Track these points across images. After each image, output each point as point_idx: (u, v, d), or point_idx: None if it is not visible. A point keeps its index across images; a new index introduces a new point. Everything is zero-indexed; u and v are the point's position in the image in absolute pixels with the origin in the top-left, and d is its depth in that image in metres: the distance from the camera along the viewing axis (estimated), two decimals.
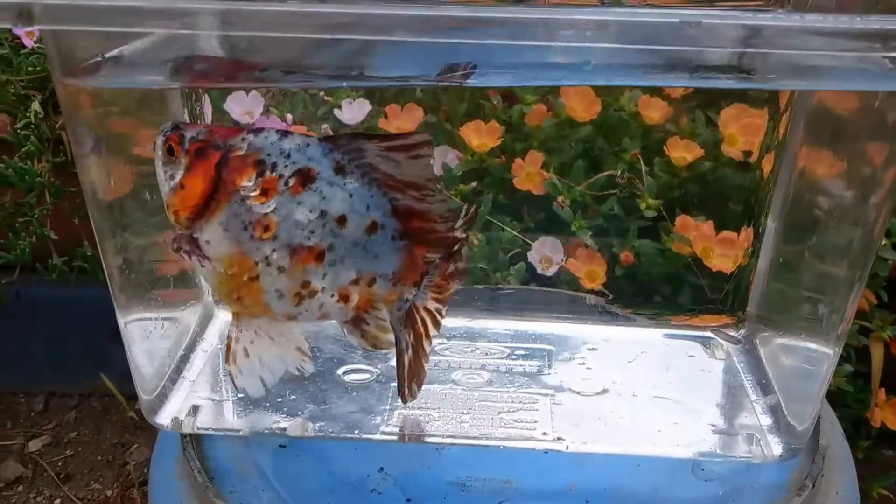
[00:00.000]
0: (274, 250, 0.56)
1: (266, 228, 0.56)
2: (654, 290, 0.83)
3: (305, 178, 0.55)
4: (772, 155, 0.75)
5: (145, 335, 0.70)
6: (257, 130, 0.56)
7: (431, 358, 0.75)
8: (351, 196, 0.56)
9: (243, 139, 0.56)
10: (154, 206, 0.71)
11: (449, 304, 0.64)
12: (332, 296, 0.58)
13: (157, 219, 0.72)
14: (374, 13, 0.50)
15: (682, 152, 0.80)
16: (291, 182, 0.55)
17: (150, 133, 0.71)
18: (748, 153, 0.77)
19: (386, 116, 0.83)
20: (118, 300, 0.66)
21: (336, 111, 0.83)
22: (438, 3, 0.53)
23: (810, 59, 0.52)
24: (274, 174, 0.55)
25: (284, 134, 0.56)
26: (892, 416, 1.31)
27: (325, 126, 0.84)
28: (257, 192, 0.55)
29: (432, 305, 0.63)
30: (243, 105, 0.81)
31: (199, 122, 0.77)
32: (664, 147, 0.80)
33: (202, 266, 0.58)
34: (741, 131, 0.78)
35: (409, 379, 0.64)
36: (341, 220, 0.56)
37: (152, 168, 0.69)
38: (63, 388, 1.42)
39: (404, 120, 0.83)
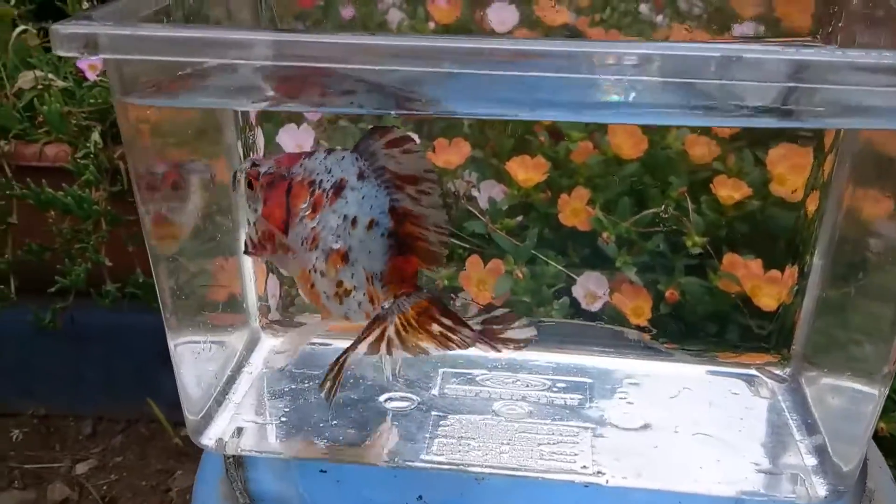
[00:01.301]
0: (317, 258, 0.60)
1: (313, 240, 0.60)
2: (700, 327, 0.82)
3: (339, 188, 0.59)
4: (817, 193, 0.75)
5: (194, 357, 0.72)
6: (308, 154, 0.61)
7: (472, 388, 0.77)
8: (363, 198, 0.59)
9: (301, 165, 0.61)
10: (206, 233, 0.73)
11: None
12: (364, 294, 0.60)
13: (208, 245, 0.74)
14: (426, 45, 0.52)
15: (730, 191, 0.80)
16: (330, 194, 0.59)
17: (207, 162, 0.74)
18: (794, 192, 0.77)
19: (434, 150, 0.84)
20: (169, 322, 0.68)
21: None
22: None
23: (854, 96, 0.52)
24: (320, 190, 0.60)
25: (329, 151, 0.61)
26: None
27: None
28: (310, 210, 0.60)
29: (391, 332, 0.58)
30: (295, 137, 0.83)
31: (251, 153, 0.79)
32: (711, 185, 0.80)
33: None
34: (790, 171, 0.77)
35: (335, 368, 0.61)
36: (353, 221, 0.59)
37: (207, 196, 0.72)
38: (111, 412, 1.44)
39: (452, 154, 0.84)
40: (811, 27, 0.76)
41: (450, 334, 0.56)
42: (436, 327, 0.57)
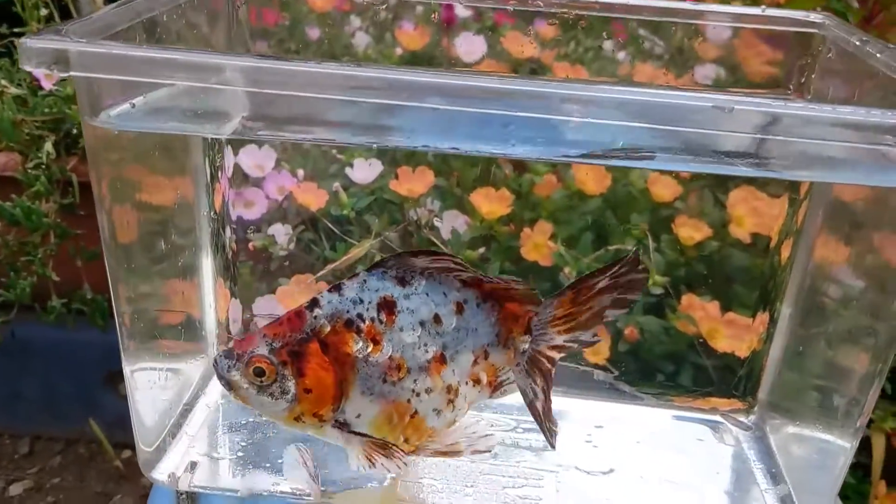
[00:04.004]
0: (415, 380, 0.59)
1: (398, 368, 0.58)
2: (659, 367, 0.82)
3: (388, 306, 0.58)
4: (789, 241, 0.75)
5: (149, 385, 0.69)
6: (311, 305, 0.58)
7: None
8: (427, 294, 0.59)
9: (315, 317, 0.57)
10: (168, 254, 0.71)
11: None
12: (467, 384, 0.61)
13: (170, 267, 0.71)
14: (400, 78, 0.50)
15: (690, 231, 0.80)
16: (383, 318, 0.58)
17: (172, 181, 0.71)
18: (756, 235, 0.77)
19: (397, 178, 0.83)
20: (126, 347, 0.65)
21: (348, 169, 0.83)
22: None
23: (826, 150, 0.52)
24: (366, 322, 0.57)
25: (336, 288, 0.58)
26: None
27: (336, 185, 0.84)
28: (370, 346, 0.57)
29: (559, 341, 0.62)
30: (255, 158, 0.81)
31: (220, 193, 0.77)
32: (672, 225, 0.80)
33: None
34: (749, 213, 0.78)
35: (547, 420, 0.63)
36: (436, 318, 0.59)
37: (170, 216, 0.69)
38: (50, 431, 1.40)
39: (415, 182, 0.84)
40: (783, 77, 0.76)
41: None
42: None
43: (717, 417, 0.79)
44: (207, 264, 0.77)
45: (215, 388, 0.78)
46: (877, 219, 0.64)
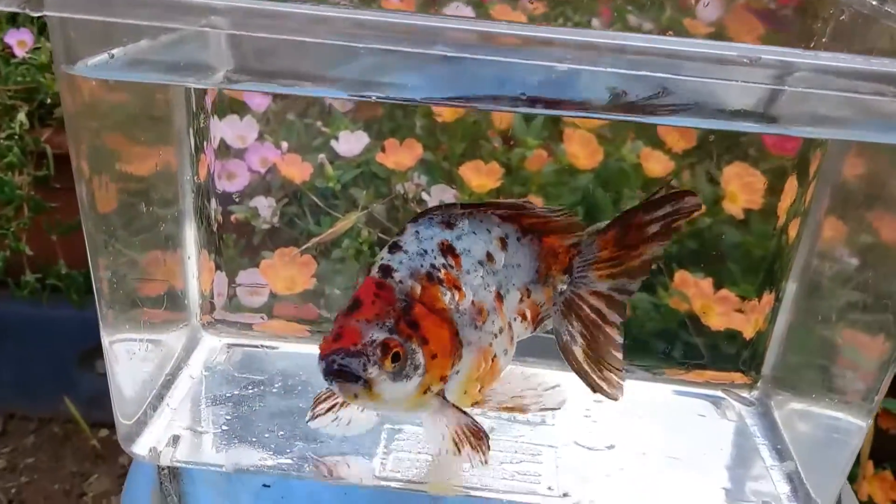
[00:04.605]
0: (493, 321, 0.57)
1: (481, 311, 0.56)
2: (651, 344, 0.80)
3: (450, 250, 0.56)
4: (796, 220, 0.73)
5: (129, 356, 0.65)
6: (384, 273, 0.54)
7: None
8: (475, 233, 0.57)
9: (400, 282, 0.54)
10: (148, 222, 0.67)
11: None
12: (516, 320, 0.60)
13: (150, 235, 0.68)
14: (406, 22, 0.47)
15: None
16: (451, 262, 0.56)
17: (154, 150, 0.67)
18: (764, 214, 0.76)
19: (384, 150, 0.81)
20: (105, 316, 0.61)
21: (333, 142, 0.81)
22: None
23: (835, 107, 0.50)
24: (441, 271, 0.55)
25: (393, 247, 0.56)
26: (879, 489, 1.29)
27: (321, 157, 0.81)
28: (456, 293, 0.55)
29: (601, 287, 0.60)
30: (236, 129, 0.78)
31: (205, 163, 0.74)
32: None
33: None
34: (742, 189, 0.76)
35: (591, 370, 0.61)
36: (489, 256, 0.57)
37: (151, 183, 0.66)
38: (24, 410, 1.37)
39: (402, 155, 0.81)
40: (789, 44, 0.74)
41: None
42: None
43: (719, 393, 0.76)
44: (191, 235, 0.74)
45: (198, 359, 0.75)
46: (881, 197, 0.63)
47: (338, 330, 0.52)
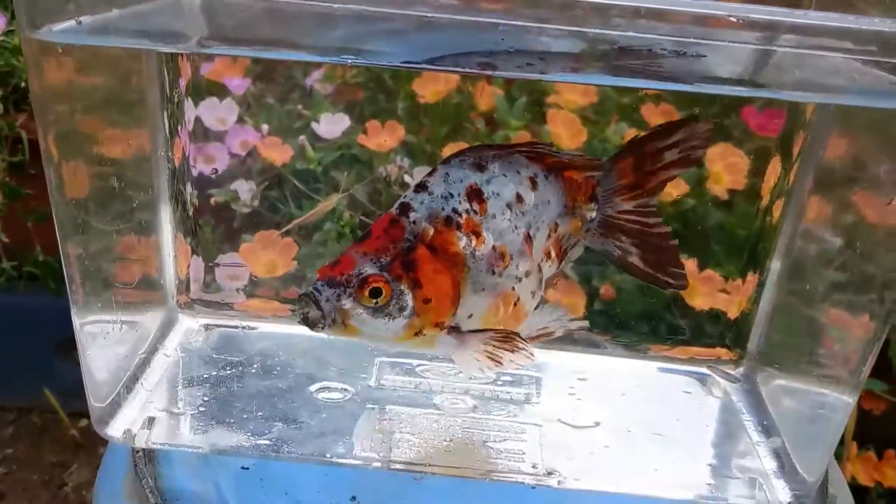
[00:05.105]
0: (517, 265, 0.57)
1: (502, 256, 0.56)
2: (637, 323, 0.79)
3: (477, 194, 0.56)
4: (781, 200, 0.73)
5: (102, 336, 0.63)
6: (402, 210, 0.55)
7: (411, 380, 0.71)
8: (505, 175, 0.57)
9: (414, 222, 0.54)
10: (121, 202, 0.66)
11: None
12: (543, 259, 0.59)
13: (123, 214, 0.67)
14: None
15: (670, 188, 0.77)
16: (476, 207, 0.55)
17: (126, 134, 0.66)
18: (733, 192, 0.76)
19: (365, 133, 0.80)
20: (75, 297, 0.59)
21: (314, 125, 0.80)
22: None
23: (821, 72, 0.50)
24: (463, 216, 0.55)
25: (420, 187, 0.56)
26: (862, 470, 1.29)
27: (302, 138, 0.80)
28: (474, 239, 0.55)
29: (629, 206, 0.61)
30: (216, 112, 0.77)
31: (179, 147, 0.73)
32: None
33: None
34: (726, 170, 0.76)
35: (657, 271, 0.62)
36: (518, 198, 0.57)
37: (121, 170, 0.64)
38: (2, 400, 1.36)
39: (385, 136, 0.80)
40: None
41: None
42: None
43: (704, 370, 0.76)
44: (167, 218, 0.73)
45: (174, 341, 0.73)
46: (864, 177, 0.62)
47: (338, 257, 0.54)
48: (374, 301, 0.52)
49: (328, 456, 0.63)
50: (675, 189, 0.78)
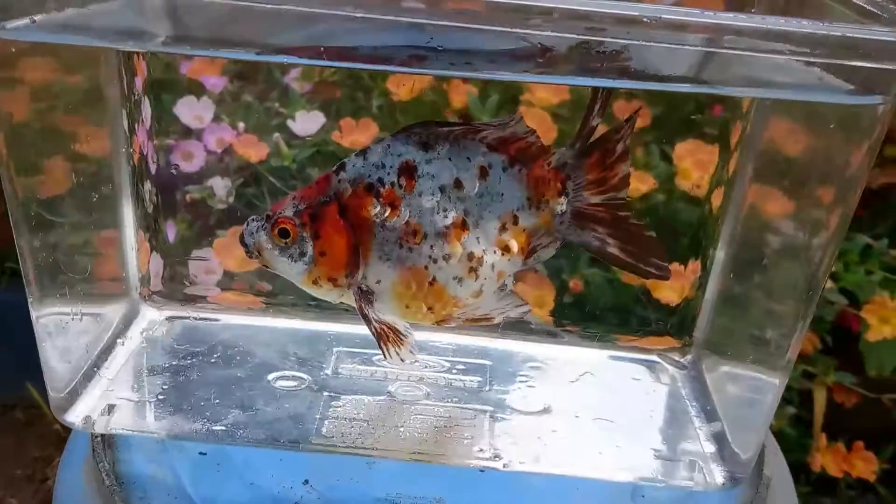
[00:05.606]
0: (432, 246, 0.58)
1: (415, 233, 0.58)
2: (602, 318, 0.81)
3: (409, 171, 0.57)
4: (721, 189, 0.74)
5: (60, 327, 0.65)
6: (338, 169, 0.58)
7: (368, 369, 0.73)
8: (450, 159, 0.58)
9: (339, 181, 0.58)
10: (80, 195, 0.67)
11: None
12: (495, 252, 0.60)
13: (82, 207, 0.68)
14: None
15: (635, 183, 0.79)
16: (403, 182, 0.57)
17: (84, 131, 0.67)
18: (698, 186, 0.77)
19: (340, 131, 0.82)
20: (31, 291, 0.62)
21: (289, 122, 0.81)
22: None
23: (765, 69, 0.51)
24: (386, 187, 0.57)
25: (363, 152, 0.58)
26: (832, 461, 1.31)
27: (276, 135, 0.82)
28: (387, 210, 0.57)
29: (597, 200, 0.62)
30: (193, 110, 0.79)
31: (136, 125, 0.74)
32: None
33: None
34: (695, 166, 0.78)
35: (638, 260, 0.63)
36: (457, 183, 0.58)
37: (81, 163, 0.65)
38: None
39: (359, 135, 0.82)
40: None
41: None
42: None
43: (654, 357, 0.78)
44: (129, 214, 0.74)
45: (137, 331, 0.75)
46: (803, 169, 0.64)
47: (281, 198, 0.59)
48: (284, 241, 0.57)
49: (282, 441, 0.65)
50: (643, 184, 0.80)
